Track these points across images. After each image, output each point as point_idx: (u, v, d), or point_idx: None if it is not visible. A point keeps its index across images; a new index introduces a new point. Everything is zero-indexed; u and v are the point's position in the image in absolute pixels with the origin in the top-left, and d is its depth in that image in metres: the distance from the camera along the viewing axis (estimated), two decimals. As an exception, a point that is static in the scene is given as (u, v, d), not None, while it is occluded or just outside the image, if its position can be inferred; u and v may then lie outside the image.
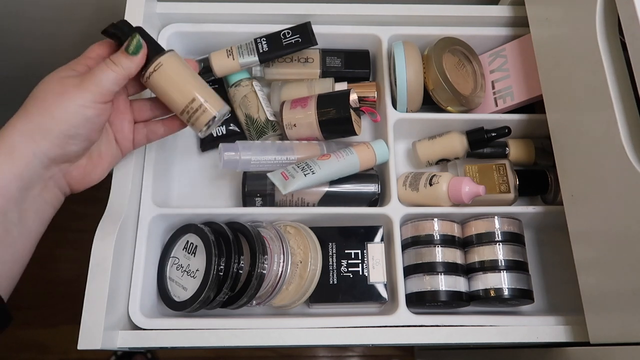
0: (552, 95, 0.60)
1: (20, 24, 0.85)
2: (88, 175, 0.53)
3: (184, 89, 0.52)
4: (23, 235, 0.48)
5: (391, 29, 0.72)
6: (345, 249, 0.64)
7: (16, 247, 0.48)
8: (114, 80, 0.49)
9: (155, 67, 0.51)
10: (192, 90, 0.52)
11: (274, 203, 0.65)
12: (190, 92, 0.52)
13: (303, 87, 0.72)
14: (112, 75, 0.49)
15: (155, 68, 0.51)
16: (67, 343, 1.22)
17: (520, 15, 0.72)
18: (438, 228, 0.63)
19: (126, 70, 0.50)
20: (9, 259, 0.47)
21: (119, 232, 0.56)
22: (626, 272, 0.48)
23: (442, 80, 0.67)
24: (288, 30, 0.70)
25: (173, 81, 0.52)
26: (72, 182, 0.52)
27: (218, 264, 0.57)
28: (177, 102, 0.52)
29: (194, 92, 0.52)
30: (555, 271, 0.69)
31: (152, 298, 0.62)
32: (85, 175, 0.53)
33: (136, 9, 0.65)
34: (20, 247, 0.48)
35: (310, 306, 0.64)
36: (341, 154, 0.65)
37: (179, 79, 0.52)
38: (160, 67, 0.51)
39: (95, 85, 0.48)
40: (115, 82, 0.49)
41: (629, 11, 0.44)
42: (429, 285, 0.61)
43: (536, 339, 0.58)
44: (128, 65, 0.50)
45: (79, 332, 0.52)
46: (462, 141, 0.68)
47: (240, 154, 0.64)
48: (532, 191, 0.69)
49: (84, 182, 0.53)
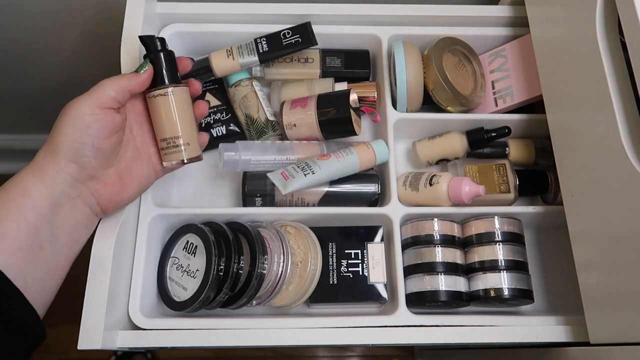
0: (552, 95, 0.60)
1: (20, 23, 0.85)
2: (117, 194, 0.53)
3: (177, 123, 0.55)
4: (56, 252, 0.49)
5: (391, 29, 0.72)
6: (345, 249, 0.64)
7: (50, 264, 0.49)
8: (113, 87, 0.51)
9: (166, 92, 0.55)
10: (183, 128, 0.55)
11: (274, 203, 0.65)
12: (180, 129, 0.55)
13: (303, 87, 0.72)
14: (113, 82, 0.51)
15: (166, 93, 0.55)
16: (67, 343, 1.21)
17: (520, 15, 0.72)
18: (438, 228, 0.63)
19: (127, 82, 0.52)
20: (43, 276, 0.49)
21: (119, 232, 0.56)
22: (626, 272, 0.48)
23: (442, 80, 0.67)
24: (288, 30, 0.70)
25: (173, 111, 0.55)
26: (102, 200, 0.52)
27: (218, 264, 0.57)
28: (165, 129, 0.55)
29: (183, 130, 0.55)
30: (555, 271, 0.69)
31: (152, 298, 0.62)
32: (115, 194, 0.53)
33: (136, 9, 0.65)
34: (55, 263, 0.49)
35: (310, 306, 0.64)
36: (341, 154, 0.65)
37: (179, 112, 0.55)
38: (170, 95, 0.55)
39: (95, 91, 0.50)
40: (114, 88, 0.51)
41: (629, 11, 0.44)
42: (429, 285, 0.61)
43: (536, 339, 0.58)
44: (131, 77, 0.53)
45: (79, 332, 0.52)
46: (462, 141, 0.68)
47: (240, 154, 0.64)
48: (532, 191, 0.69)
49: (114, 201, 0.53)
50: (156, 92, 0.55)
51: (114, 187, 0.53)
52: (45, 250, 0.48)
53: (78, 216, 0.51)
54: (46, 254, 0.48)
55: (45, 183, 0.49)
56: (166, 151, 0.56)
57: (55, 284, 0.50)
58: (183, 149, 0.55)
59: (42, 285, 0.49)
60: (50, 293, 0.50)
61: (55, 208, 0.49)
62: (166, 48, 0.56)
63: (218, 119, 0.71)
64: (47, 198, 0.48)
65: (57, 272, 0.50)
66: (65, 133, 0.49)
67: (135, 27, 0.64)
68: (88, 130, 0.49)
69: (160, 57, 0.55)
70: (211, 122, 0.71)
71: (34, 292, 0.47)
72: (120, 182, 0.53)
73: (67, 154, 0.49)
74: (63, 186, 0.49)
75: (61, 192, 0.49)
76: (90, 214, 0.52)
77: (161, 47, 0.56)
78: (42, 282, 0.49)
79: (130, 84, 0.52)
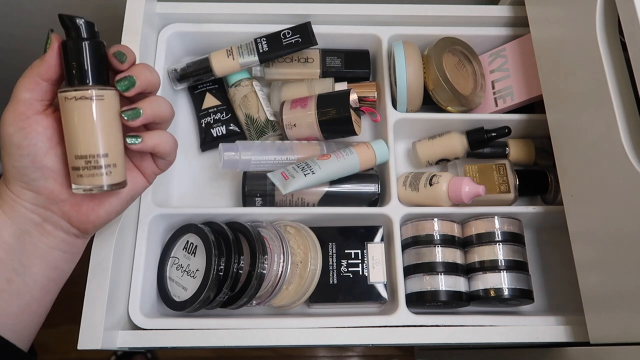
0: (552, 95, 0.60)
1: (19, 23, 0.85)
2: (90, 214, 0.45)
3: (100, 137, 0.42)
4: (28, 284, 0.45)
5: (391, 29, 0.72)
6: (345, 249, 0.64)
7: (22, 297, 0.45)
8: (26, 85, 0.42)
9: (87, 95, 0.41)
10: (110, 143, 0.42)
11: (274, 203, 0.65)
12: (109, 146, 0.42)
13: (303, 87, 0.72)
14: (24, 79, 0.42)
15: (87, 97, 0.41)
16: (67, 343, 1.21)
17: (520, 15, 0.72)
18: (438, 228, 0.63)
19: (37, 70, 0.41)
20: (15, 310, 0.44)
21: (119, 232, 0.56)
22: (626, 272, 0.48)
23: (442, 80, 0.67)
24: (288, 30, 0.70)
25: (95, 122, 0.41)
26: (75, 222, 0.45)
27: (218, 264, 0.57)
28: (86, 144, 0.42)
29: (109, 146, 0.42)
30: (555, 271, 0.69)
31: (152, 298, 0.62)
32: (87, 214, 0.45)
33: (136, 9, 0.65)
34: (28, 296, 0.45)
35: (310, 306, 0.64)
36: (341, 154, 0.65)
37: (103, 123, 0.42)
38: (94, 100, 0.41)
39: (12, 99, 0.42)
40: (27, 87, 0.42)
41: (629, 11, 0.44)
42: (429, 285, 0.61)
43: (536, 339, 0.58)
44: (37, 64, 0.42)
45: (79, 332, 0.52)
46: (462, 141, 0.68)
47: (240, 154, 0.64)
48: (532, 191, 0.69)
49: (89, 222, 0.46)
50: (73, 93, 0.41)
51: (84, 207, 0.45)
52: (14, 283, 0.44)
53: (51, 242, 0.45)
54: (16, 286, 0.44)
55: (5, 211, 0.43)
56: (81, 172, 0.42)
57: (32, 318, 0.46)
58: (105, 172, 0.42)
59: (16, 321, 0.44)
60: (29, 327, 0.46)
61: (21, 237, 0.44)
62: (95, 37, 0.42)
63: (218, 119, 0.71)
64: (9, 227, 0.43)
65: (33, 305, 0.45)
66: (4, 161, 0.42)
67: (135, 27, 0.64)
68: (21, 151, 0.41)
69: (83, 47, 0.41)
70: (211, 122, 0.71)
71: (7, 329, 0.44)
72: (91, 201, 0.45)
73: (15, 181, 0.43)
74: (25, 213, 0.44)
75: (24, 220, 0.44)
76: (67, 237, 0.46)
77: (87, 35, 0.42)
78: (15, 317, 0.44)
79: (40, 71, 0.41)
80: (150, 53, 0.68)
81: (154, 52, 0.69)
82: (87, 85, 0.41)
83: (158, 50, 0.70)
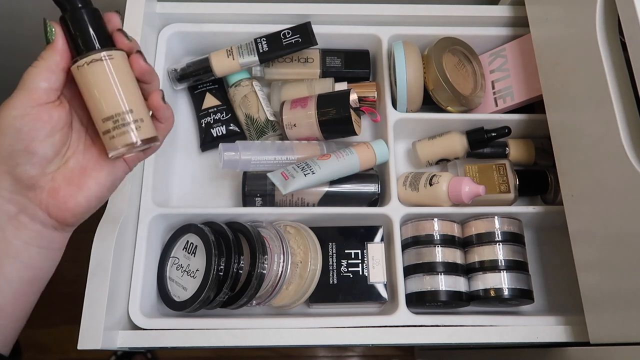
0: (552, 95, 0.60)
1: (19, 21, 0.85)
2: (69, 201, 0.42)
3: (121, 95, 0.42)
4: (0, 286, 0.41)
5: (391, 29, 0.72)
6: (345, 249, 0.64)
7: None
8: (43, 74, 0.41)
9: (100, 57, 0.42)
10: (131, 100, 0.43)
11: (274, 203, 0.65)
12: (127, 102, 0.42)
13: (303, 87, 0.72)
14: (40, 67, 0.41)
15: (100, 58, 0.42)
16: (67, 343, 1.22)
17: (520, 15, 0.72)
18: (438, 228, 0.63)
19: (52, 59, 0.41)
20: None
21: (119, 232, 0.56)
22: (626, 272, 0.48)
23: (442, 80, 0.67)
24: (288, 30, 0.70)
25: (113, 80, 0.42)
26: (52, 211, 0.42)
27: (218, 264, 0.57)
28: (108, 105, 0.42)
29: (131, 103, 0.43)
30: (555, 271, 0.69)
31: (152, 298, 0.62)
32: (66, 201, 0.42)
33: (136, 9, 0.65)
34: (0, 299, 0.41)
35: (310, 306, 0.64)
36: (341, 154, 0.65)
37: (121, 80, 0.42)
38: (106, 60, 0.42)
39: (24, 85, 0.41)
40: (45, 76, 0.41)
41: (629, 11, 0.44)
42: (429, 285, 0.61)
43: (536, 339, 0.58)
44: (48, 55, 0.41)
45: (79, 332, 0.52)
46: (462, 141, 0.68)
47: (240, 154, 0.64)
48: (532, 191, 0.69)
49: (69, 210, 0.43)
50: (84, 59, 0.41)
51: (62, 193, 0.42)
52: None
53: (26, 237, 0.42)
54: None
55: None
56: (112, 133, 0.42)
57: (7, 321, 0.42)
58: (134, 127, 0.42)
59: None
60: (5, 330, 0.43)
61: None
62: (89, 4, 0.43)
63: (218, 119, 0.71)
64: None
65: (7, 308, 0.42)
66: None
67: (135, 27, 0.64)
68: (19, 134, 0.40)
69: (83, 14, 0.42)
70: (211, 122, 0.71)
71: None
72: (70, 186, 0.43)
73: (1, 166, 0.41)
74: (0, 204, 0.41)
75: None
76: (44, 230, 0.43)
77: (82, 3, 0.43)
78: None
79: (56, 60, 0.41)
80: (150, 53, 0.68)
81: (154, 52, 0.69)
82: (95, 49, 0.42)
83: (158, 50, 0.70)
